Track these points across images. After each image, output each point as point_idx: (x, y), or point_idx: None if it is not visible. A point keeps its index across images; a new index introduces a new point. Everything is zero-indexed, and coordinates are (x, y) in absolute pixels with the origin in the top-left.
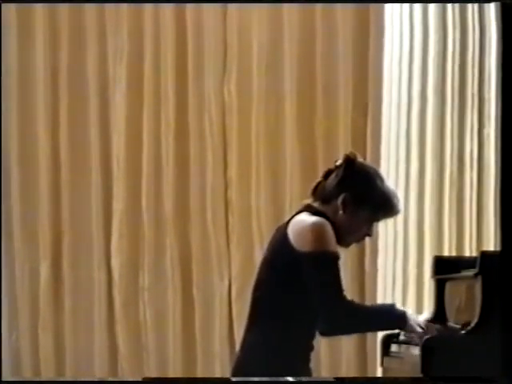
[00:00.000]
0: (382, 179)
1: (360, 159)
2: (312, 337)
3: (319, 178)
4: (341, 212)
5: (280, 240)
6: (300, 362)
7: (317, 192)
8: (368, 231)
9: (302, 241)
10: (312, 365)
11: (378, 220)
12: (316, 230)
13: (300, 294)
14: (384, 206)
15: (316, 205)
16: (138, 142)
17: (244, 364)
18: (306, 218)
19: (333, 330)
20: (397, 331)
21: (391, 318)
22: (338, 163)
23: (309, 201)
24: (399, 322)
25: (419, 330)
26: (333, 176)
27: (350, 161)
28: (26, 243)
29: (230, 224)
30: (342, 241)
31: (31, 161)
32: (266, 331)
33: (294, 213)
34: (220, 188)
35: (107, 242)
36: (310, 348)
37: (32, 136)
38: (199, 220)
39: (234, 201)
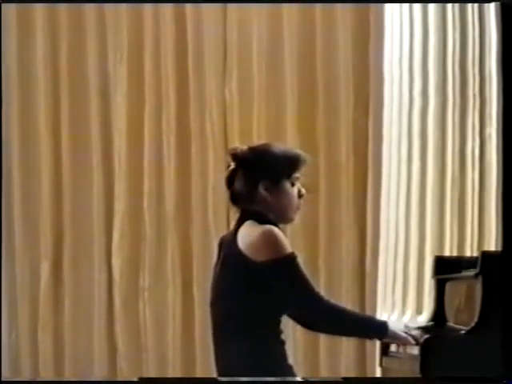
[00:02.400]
0: (275, 146)
1: (241, 147)
2: (280, 333)
3: (226, 193)
4: (269, 199)
5: (232, 254)
6: (278, 362)
7: (237, 200)
8: (299, 193)
9: (257, 251)
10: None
11: (298, 179)
12: (267, 237)
13: (262, 302)
14: (293, 163)
15: (249, 208)
16: (139, 141)
17: (229, 373)
18: (254, 228)
19: (312, 326)
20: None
21: (370, 323)
22: (231, 166)
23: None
24: (378, 329)
25: (403, 335)
26: (236, 179)
27: (236, 155)
28: (26, 243)
29: (231, 224)
30: (286, 219)
31: (32, 160)
32: (235, 343)
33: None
34: (221, 187)
35: (108, 241)
36: (282, 343)
37: (33, 136)
38: (200, 220)
39: None
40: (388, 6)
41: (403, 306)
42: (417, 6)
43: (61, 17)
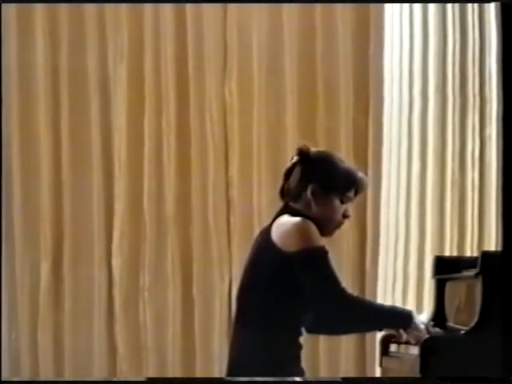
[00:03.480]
0: (341, 160)
1: (313, 149)
2: (299, 335)
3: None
4: (313, 204)
5: (264, 244)
6: (292, 363)
7: (285, 194)
8: (345, 213)
9: (288, 241)
10: (304, 364)
11: (350, 200)
12: (300, 228)
13: (287, 295)
14: (351, 183)
15: (292, 205)
16: (139, 141)
17: (237, 368)
18: (288, 219)
19: (335, 323)
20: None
21: (395, 313)
22: (295, 159)
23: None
24: (404, 320)
25: (423, 327)
26: (293, 173)
27: (303, 153)
28: (26, 243)
29: (232, 224)
30: (324, 231)
31: (32, 160)
32: (255, 334)
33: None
34: (221, 188)
35: (108, 241)
36: (300, 347)
37: (33, 136)
38: (200, 220)
39: (236, 200)
40: (388, 6)
41: (403, 305)
42: (417, 6)
43: (61, 17)
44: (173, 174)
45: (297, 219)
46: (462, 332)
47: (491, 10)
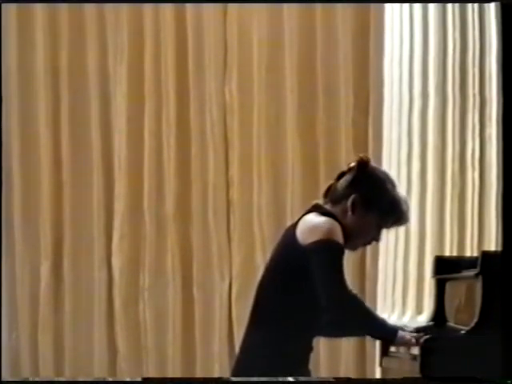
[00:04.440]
0: (393, 185)
1: (373, 164)
2: (312, 338)
3: (332, 181)
4: (349, 213)
5: (287, 240)
6: (300, 364)
7: (328, 193)
8: (376, 236)
9: (308, 235)
10: (311, 366)
11: (386, 226)
12: (325, 224)
13: (303, 294)
14: (393, 211)
15: (326, 205)
16: (139, 141)
17: (245, 364)
18: (315, 218)
19: (332, 318)
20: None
21: (383, 326)
22: (351, 165)
23: (319, 201)
24: (389, 335)
25: (411, 338)
26: (344, 177)
27: (362, 163)
28: (26, 243)
29: (232, 224)
30: (350, 243)
31: (32, 161)
32: (267, 332)
33: (297, 212)
34: (221, 187)
35: (108, 241)
36: (310, 349)
37: (33, 136)
38: (200, 220)
39: (236, 200)
40: (388, 6)
41: (403, 305)
42: (417, 6)
43: (61, 17)
44: (173, 174)
45: (325, 218)
46: (462, 332)
47: (491, 10)
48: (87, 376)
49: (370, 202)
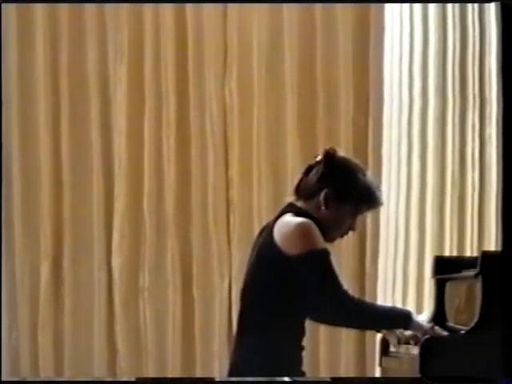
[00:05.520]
0: (363, 172)
1: (340, 154)
2: (302, 337)
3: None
4: (323, 208)
5: (266, 244)
6: (293, 364)
7: (299, 189)
8: (352, 225)
9: (290, 244)
10: (304, 368)
11: (361, 213)
12: (302, 230)
13: (288, 297)
14: (367, 199)
15: (299, 203)
16: (139, 142)
17: (238, 368)
18: (291, 220)
19: (336, 322)
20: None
21: (395, 314)
22: (318, 159)
23: (291, 199)
24: (403, 320)
25: (427, 326)
26: (313, 172)
27: (329, 156)
28: (26, 243)
29: (231, 224)
30: (327, 236)
31: (32, 161)
32: (257, 335)
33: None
34: (221, 188)
35: (108, 242)
36: (301, 348)
37: (33, 136)
38: (200, 220)
39: (236, 200)
40: (388, 6)
41: (403, 306)
42: (417, 6)
43: (61, 17)
44: (173, 174)
45: (299, 220)
46: (462, 332)
47: (491, 10)
48: (87, 376)
49: (342, 194)
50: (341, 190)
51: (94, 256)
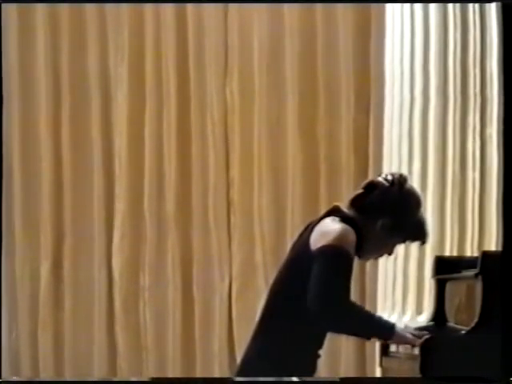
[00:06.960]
0: (422, 207)
1: (409, 184)
2: (318, 345)
3: (360, 190)
4: (376, 232)
5: (302, 241)
6: (309, 365)
7: (356, 202)
8: (390, 251)
9: (318, 240)
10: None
11: (404, 243)
12: (336, 232)
13: (302, 293)
14: (417, 234)
15: (348, 211)
16: (139, 142)
17: (254, 363)
18: (331, 224)
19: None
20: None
21: (379, 325)
22: (388, 179)
23: (340, 204)
24: (386, 332)
25: (411, 337)
26: (377, 192)
27: (400, 184)
28: (27, 243)
29: (232, 224)
30: (364, 255)
31: (33, 161)
32: (276, 332)
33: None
34: (222, 188)
35: (108, 242)
36: (317, 356)
37: (34, 136)
38: (201, 220)
39: (236, 201)
40: (389, 6)
41: (403, 306)
42: (418, 6)
43: (61, 17)
44: (173, 174)
45: (341, 225)
46: (462, 332)
47: (492, 10)
48: (87, 376)
49: (398, 226)
50: (398, 223)
51: (94, 256)
